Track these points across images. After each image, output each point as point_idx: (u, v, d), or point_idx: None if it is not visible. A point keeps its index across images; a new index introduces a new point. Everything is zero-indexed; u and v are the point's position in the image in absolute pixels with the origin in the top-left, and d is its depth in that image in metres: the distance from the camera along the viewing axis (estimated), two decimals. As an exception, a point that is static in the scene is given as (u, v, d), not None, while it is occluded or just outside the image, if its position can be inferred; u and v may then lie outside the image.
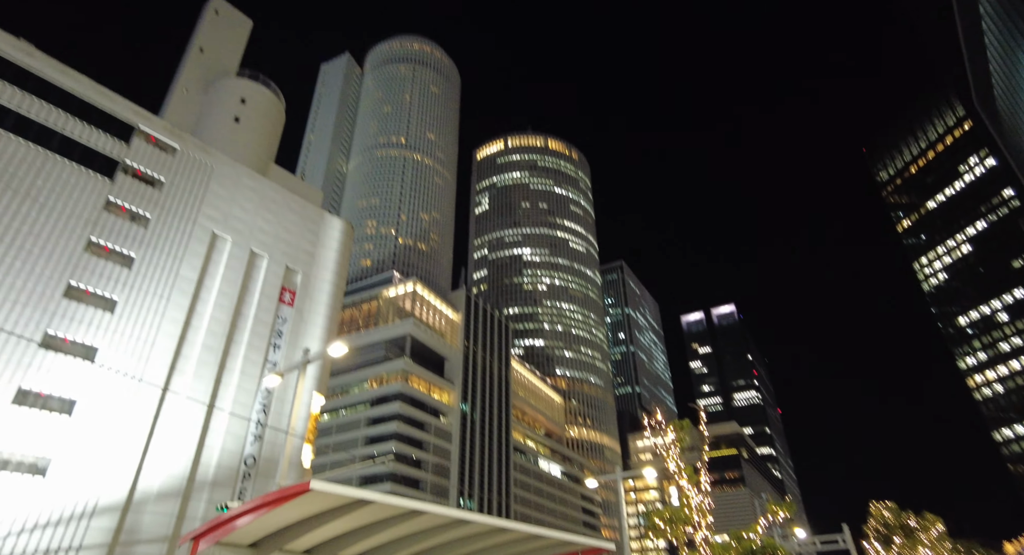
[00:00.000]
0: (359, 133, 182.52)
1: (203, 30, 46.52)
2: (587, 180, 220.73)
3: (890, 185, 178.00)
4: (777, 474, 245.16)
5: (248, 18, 49.68)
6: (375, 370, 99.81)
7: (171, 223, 34.48)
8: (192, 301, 34.17)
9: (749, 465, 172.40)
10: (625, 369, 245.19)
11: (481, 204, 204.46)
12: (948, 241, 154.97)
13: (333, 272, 43.27)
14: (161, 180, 34.81)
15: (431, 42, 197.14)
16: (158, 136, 35.26)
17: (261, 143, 44.02)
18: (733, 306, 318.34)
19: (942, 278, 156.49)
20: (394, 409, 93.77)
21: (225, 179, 38.62)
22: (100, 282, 30.21)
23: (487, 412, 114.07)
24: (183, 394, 31.97)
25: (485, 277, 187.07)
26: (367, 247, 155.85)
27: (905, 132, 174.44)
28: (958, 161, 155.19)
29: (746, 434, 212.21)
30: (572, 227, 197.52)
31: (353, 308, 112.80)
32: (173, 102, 42.19)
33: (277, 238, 40.48)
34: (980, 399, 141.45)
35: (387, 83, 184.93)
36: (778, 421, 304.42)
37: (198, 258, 35.24)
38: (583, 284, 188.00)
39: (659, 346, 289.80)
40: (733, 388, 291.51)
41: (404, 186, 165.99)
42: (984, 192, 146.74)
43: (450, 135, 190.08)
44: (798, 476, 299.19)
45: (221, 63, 47.25)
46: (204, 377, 33.50)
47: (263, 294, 38.52)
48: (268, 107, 45.02)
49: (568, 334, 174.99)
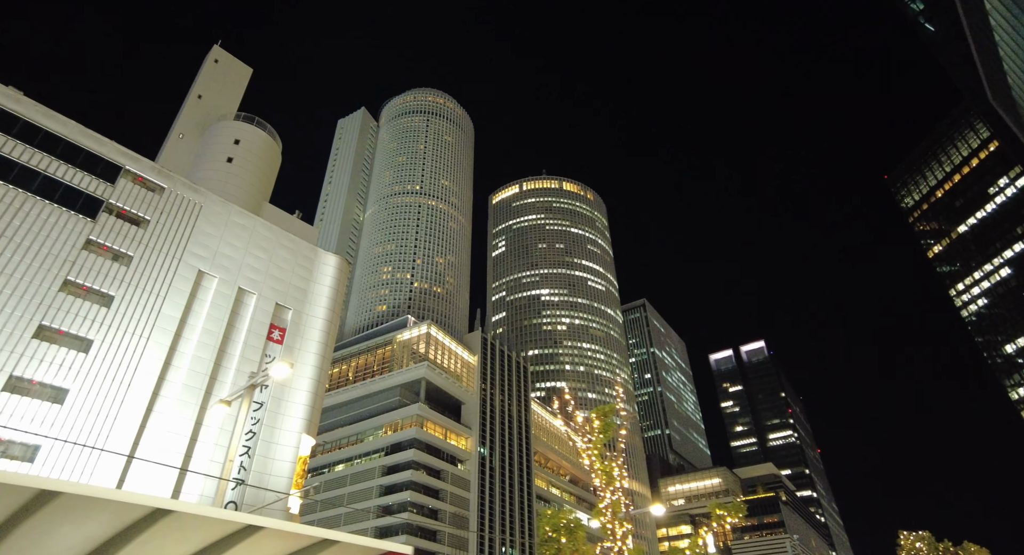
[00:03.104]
0: (375, 183, 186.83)
1: (202, 78, 48.02)
2: (604, 219, 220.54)
3: (916, 211, 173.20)
4: (820, 518, 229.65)
5: (247, 66, 51.39)
6: (390, 417, 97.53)
7: (155, 261, 34.13)
8: (173, 340, 33.32)
9: (789, 508, 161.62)
10: (653, 411, 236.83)
11: (498, 247, 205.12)
12: (985, 265, 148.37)
13: (327, 308, 42.28)
14: (147, 219, 34.77)
15: (444, 94, 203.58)
16: (145, 176, 35.50)
17: (254, 182, 44.27)
18: (763, 342, 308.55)
19: (981, 304, 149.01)
20: (408, 457, 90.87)
21: (214, 217, 38.51)
22: (75, 322, 29.63)
23: (507, 458, 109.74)
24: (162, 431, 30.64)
25: (504, 319, 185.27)
26: (383, 293, 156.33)
27: (928, 157, 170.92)
28: (988, 183, 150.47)
29: (783, 475, 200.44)
30: (590, 266, 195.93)
31: (368, 354, 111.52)
32: (169, 146, 43.02)
33: (267, 275, 39.87)
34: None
35: (401, 134, 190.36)
36: (818, 462, 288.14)
37: (182, 296, 34.64)
38: (604, 323, 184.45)
39: (688, 386, 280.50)
40: (767, 428, 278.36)
41: (419, 231, 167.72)
42: (1019, 213, 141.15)
43: (464, 181, 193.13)
44: (845, 521, 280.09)
45: (219, 109, 48.45)
46: (184, 418, 32.18)
47: (251, 332, 37.57)
48: (262, 147, 45.56)
49: (591, 375, 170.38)
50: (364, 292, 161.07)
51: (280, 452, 36.63)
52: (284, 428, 37.45)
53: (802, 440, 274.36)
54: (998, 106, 68.06)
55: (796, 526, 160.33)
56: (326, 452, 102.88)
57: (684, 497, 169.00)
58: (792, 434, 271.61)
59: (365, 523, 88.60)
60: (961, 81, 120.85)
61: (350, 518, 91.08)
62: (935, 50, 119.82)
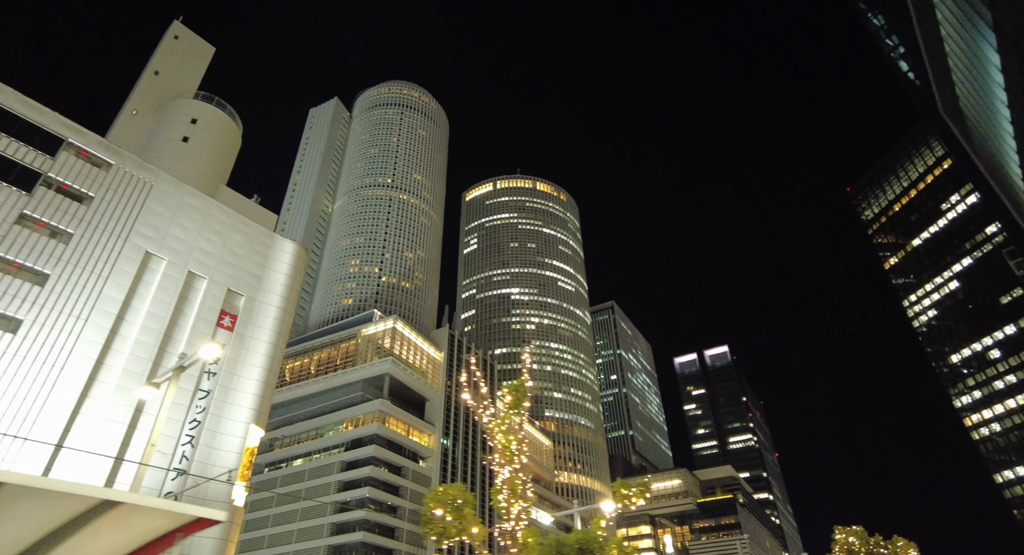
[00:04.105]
0: (345, 174, 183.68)
1: (160, 54, 46.01)
2: (576, 221, 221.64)
3: (875, 224, 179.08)
4: (775, 520, 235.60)
5: (210, 45, 49.53)
6: (352, 412, 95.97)
7: (98, 240, 32.50)
8: (115, 323, 31.79)
9: (746, 510, 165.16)
10: (617, 412, 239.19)
11: (470, 245, 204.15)
12: (936, 278, 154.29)
13: (282, 296, 41.07)
14: (90, 195, 33.08)
15: (420, 88, 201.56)
16: (90, 150, 33.79)
17: (211, 163, 42.69)
18: (727, 347, 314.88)
19: (932, 315, 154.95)
20: (369, 453, 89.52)
21: (166, 197, 36.98)
22: (2, 301, 27.91)
23: (470, 455, 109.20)
24: (97, 418, 29.17)
25: (473, 317, 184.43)
26: (349, 286, 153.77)
27: (887, 171, 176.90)
28: (941, 199, 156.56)
29: (742, 478, 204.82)
30: (561, 267, 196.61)
31: (331, 347, 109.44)
32: (120, 122, 41.10)
33: (220, 260, 38.49)
34: (978, 438, 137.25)
35: (374, 126, 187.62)
36: (776, 465, 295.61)
37: (126, 277, 33.09)
38: (573, 324, 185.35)
39: (652, 388, 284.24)
40: (728, 431, 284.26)
41: (389, 225, 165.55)
42: (968, 229, 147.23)
43: (437, 177, 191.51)
44: (799, 523, 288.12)
45: (177, 87, 46.56)
46: (122, 404, 30.73)
47: (199, 317, 36.20)
48: (221, 128, 43.94)
49: (557, 375, 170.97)
50: (330, 285, 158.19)
51: (226, 443, 35.38)
52: (232, 418, 36.20)
53: (761, 444, 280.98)
54: (947, 117, 70.72)
55: (752, 528, 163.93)
56: (284, 446, 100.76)
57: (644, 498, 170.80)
58: (752, 438, 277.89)
59: (322, 519, 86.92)
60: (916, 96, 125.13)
61: (307, 513, 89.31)
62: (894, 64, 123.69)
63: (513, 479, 25.78)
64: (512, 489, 25.57)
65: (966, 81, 41.73)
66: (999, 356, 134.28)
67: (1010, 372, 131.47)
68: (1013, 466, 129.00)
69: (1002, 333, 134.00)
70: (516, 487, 25.74)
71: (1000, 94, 34.21)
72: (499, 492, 25.85)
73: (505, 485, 25.72)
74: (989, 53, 30.85)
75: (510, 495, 25.33)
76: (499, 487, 26.00)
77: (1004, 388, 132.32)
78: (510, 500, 25.29)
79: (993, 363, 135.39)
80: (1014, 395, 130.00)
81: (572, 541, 25.01)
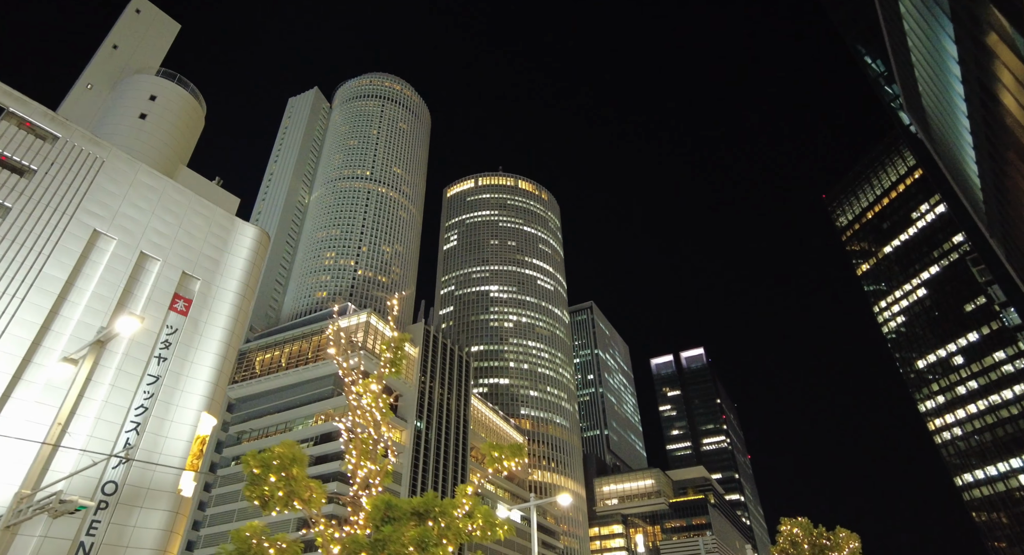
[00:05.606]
0: (323, 165, 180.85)
1: (120, 27, 44.21)
2: (556, 220, 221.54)
3: (849, 230, 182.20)
4: (746, 521, 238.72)
5: (175, 22, 47.74)
6: (322, 406, 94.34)
7: (40, 215, 30.91)
8: (56, 303, 30.26)
9: (716, 511, 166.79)
10: (593, 411, 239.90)
11: (449, 241, 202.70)
12: (905, 285, 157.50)
13: (240, 281, 39.72)
14: (32, 168, 31.46)
15: (402, 80, 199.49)
16: (34, 122, 32.16)
17: (169, 143, 41.09)
18: (702, 349, 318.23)
19: (900, 322, 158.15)
20: (339, 447, 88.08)
21: (118, 174, 35.42)
22: (-69, 274, 26.34)
23: (442, 452, 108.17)
24: (30, 401, 27.66)
25: (451, 313, 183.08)
26: (324, 279, 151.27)
27: (862, 179, 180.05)
28: (911, 208, 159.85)
29: (714, 479, 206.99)
30: (540, 265, 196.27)
31: (302, 340, 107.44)
32: (73, 95, 39.30)
33: (175, 241, 37.04)
34: (940, 442, 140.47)
35: (354, 118, 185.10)
36: (748, 467, 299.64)
37: (70, 256, 31.55)
38: (551, 323, 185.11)
39: (629, 389, 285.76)
40: (702, 432, 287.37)
41: (367, 218, 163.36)
42: (936, 238, 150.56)
43: (418, 171, 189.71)
44: (769, 524, 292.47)
45: (137, 63, 44.80)
46: (60, 389, 29.23)
47: (151, 300, 34.74)
48: (181, 107, 42.36)
49: (534, 373, 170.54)
50: (304, 277, 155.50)
51: (175, 430, 34.03)
52: (182, 405, 34.83)
53: (734, 446, 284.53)
54: (911, 118, 71.70)
55: (723, 528, 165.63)
56: (253, 439, 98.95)
57: (618, 497, 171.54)
58: (725, 439, 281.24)
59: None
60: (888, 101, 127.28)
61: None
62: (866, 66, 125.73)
63: (363, 443, 22.40)
64: (361, 450, 22.43)
65: (927, 77, 42.26)
66: (962, 362, 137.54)
67: (972, 378, 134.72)
68: (972, 469, 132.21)
69: (965, 340, 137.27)
70: (365, 448, 22.60)
71: (957, 87, 34.58)
72: (349, 453, 22.91)
73: (352, 446, 22.57)
74: (947, 44, 31.10)
75: (358, 456, 22.35)
76: (347, 447, 23.02)
77: (966, 393, 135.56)
78: (358, 462, 22.38)
79: (956, 369, 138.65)
80: (975, 400, 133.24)
81: (408, 505, 21.20)
